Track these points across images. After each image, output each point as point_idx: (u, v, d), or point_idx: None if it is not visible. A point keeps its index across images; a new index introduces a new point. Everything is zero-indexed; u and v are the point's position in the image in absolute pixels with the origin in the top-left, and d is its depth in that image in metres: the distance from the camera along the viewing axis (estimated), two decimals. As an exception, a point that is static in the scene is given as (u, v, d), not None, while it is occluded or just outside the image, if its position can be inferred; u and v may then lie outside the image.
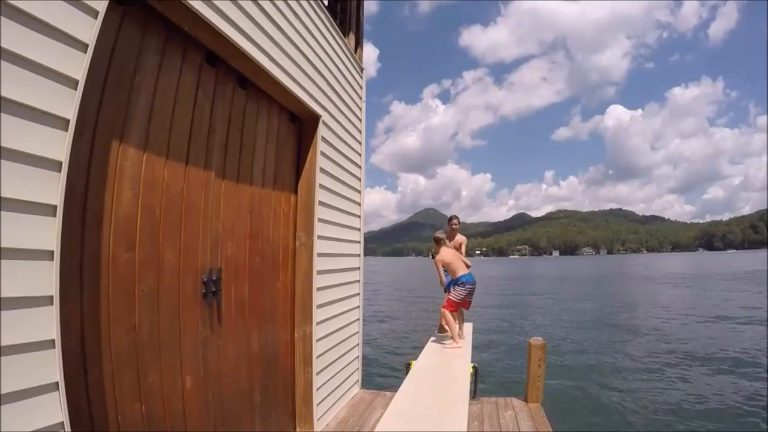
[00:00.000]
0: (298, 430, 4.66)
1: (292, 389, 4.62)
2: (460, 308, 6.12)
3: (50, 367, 1.86)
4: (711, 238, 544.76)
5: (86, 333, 2.32)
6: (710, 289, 35.64)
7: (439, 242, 6.30)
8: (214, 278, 3.35)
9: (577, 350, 15.22)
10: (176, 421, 2.99)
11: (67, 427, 1.92)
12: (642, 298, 30.91)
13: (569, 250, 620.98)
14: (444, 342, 6.20)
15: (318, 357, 4.71)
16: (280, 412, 4.39)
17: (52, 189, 1.89)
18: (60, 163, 1.91)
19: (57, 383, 1.88)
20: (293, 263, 4.65)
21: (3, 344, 1.69)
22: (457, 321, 6.10)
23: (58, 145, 1.91)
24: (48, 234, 1.87)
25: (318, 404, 4.68)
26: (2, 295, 1.70)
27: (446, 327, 6.19)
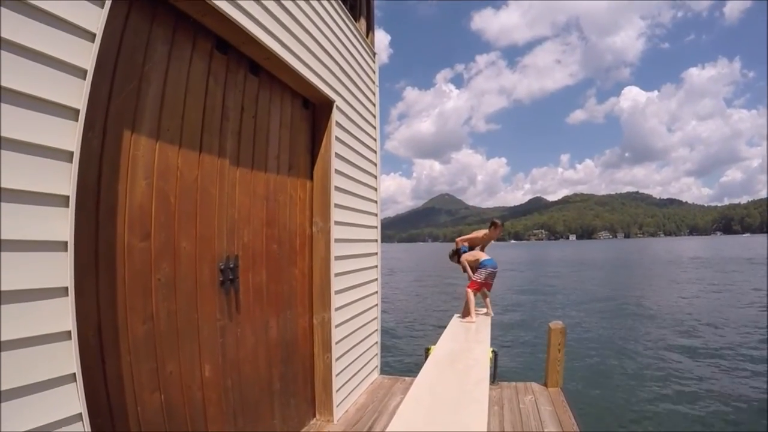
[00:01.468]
0: (317, 416, 4.66)
1: (312, 376, 4.62)
2: (482, 288, 6.27)
3: (67, 359, 1.85)
4: (729, 221, 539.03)
5: (103, 323, 2.30)
6: (730, 272, 35.32)
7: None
8: (231, 266, 3.33)
9: (595, 335, 15.13)
10: (195, 409, 2.99)
11: (86, 417, 1.91)
12: (662, 283, 30.58)
13: (586, 233, 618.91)
14: (464, 320, 6.27)
15: (337, 343, 4.70)
16: (300, 399, 4.39)
17: (64, 180, 1.87)
18: (71, 154, 1.89)
19: (74, 374, 1.87)
20: (310, 249, 4.62)
21: (19, 337, 1.68)
22: (481, 299, 6.39)
23: (69, 136, 1.89)
24: (61, 225, 1.85)
25: (337, 390, 4.67)
26: (17, 288, 1.68)
27: (468, 308, 6.28)
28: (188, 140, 2.97)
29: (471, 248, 6.44)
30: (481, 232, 6.51)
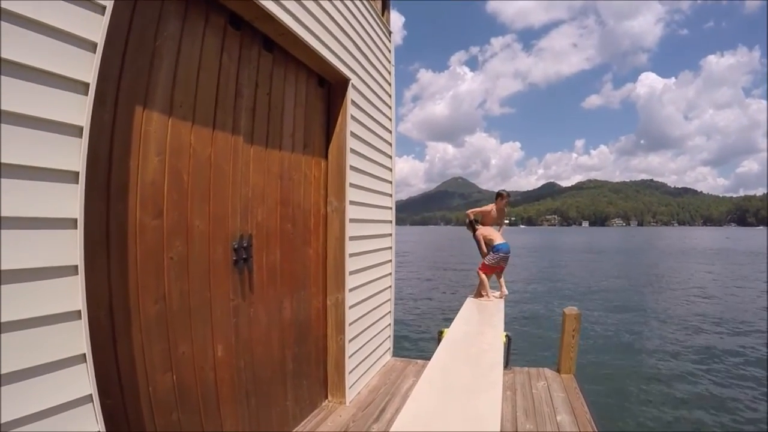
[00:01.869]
0: (329, 398, 4.64)
1: (324, 357, 4.59)
2: (494, 271, 6.41)
3: (77, 339, 1.81)
4: (744, 213, 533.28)
5: (114, 303, 2.26)
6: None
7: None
8: (244, 245, 3.27)
9: (607, 322, 15.03)
10: (208, 390, 2.96)
11: (96, 399, 1.87)
12: (676, 274, 30.35)
13: (599, 220, 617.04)
14: (479, 299, 6.41)
15: (350, 324, 4.65)
16: (312, 380, 4.36)
17: (74, 155, 1.81)
18: (81, 128, 1.83)
19: (84, 355, 1.83)
20: (325, 229, 4.56)
21: (28, 317, 1.64)
22: (495, 279, 6.52)
23: (79, 110, 1.82)
24: (71, 202, 1.79)
25: (350, 372, 4.64)
26: (26, 266, 1.64)
27: (480, 290, 6.43)
28: (201, 117, 2.90)
29: (483, 223, 6.62)
30: (490, 206, 6.65)
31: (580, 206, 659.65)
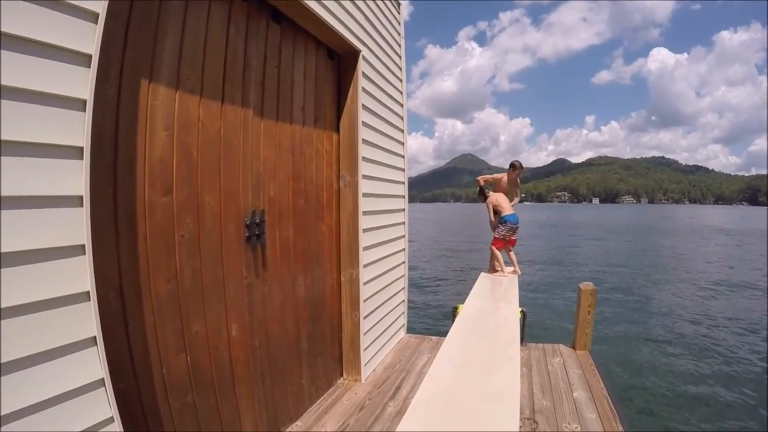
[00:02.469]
0: (344, 376, 4.59)
1: (339, 334, 4.53)
2: (506, 245, 6.42)
3: (86, 322, 1.74)
4: (755, 192, 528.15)
5: (124, 283, 2.18)
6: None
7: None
8: (257, 221, 3.18)
9: (619, 299, 14.98)
10: (222, 370, 2.90)
11: (108, 382, 1.80)
12: (689, 253, 30.17)
13: (609, 197, 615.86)
14: (495, 274, 6.43)
15: (365, 301, 4.58)
16: (327, 358, 4.31)
17: (78, 130, 1.71)
18: (84, 102, 1.73)
19: (95, 338, 1.76)
20: (337, 204, 4.46)
21: (34, 300, 1.57)
22: (506, 256, 6.52)
23: (81, 83, 1.73)
24: (75, 179, 1.70)
25: (365, 349, 4.58)
26: (30, 247, 1.56)
27: (494, 265, 6.48)
28: (209, 91, 2.78)
29: (495, 192, 6.61)
30: (501, 174, 6.64)
31: (590, 183, 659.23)
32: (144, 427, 2.31)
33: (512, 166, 6.67)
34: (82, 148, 1.71)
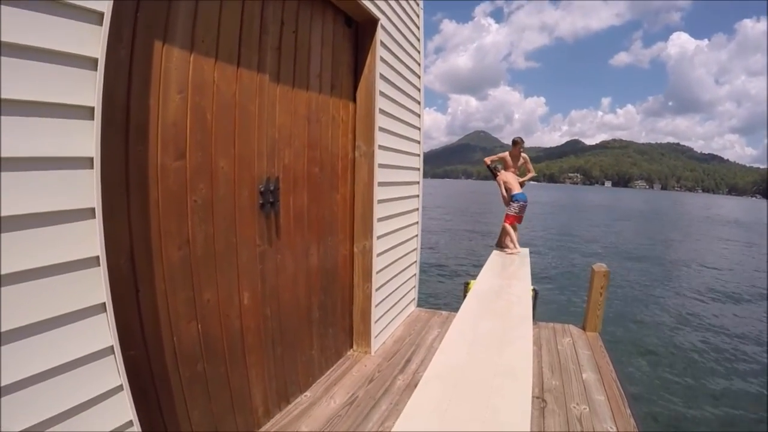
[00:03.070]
0: (354, 347, 4.57)
1: (350, 306, 4.49)
2: (517, 221, 6.89)
3: (96, 288, 1.68)
4: None
5: (135, 249, 2.12)
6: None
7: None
8: (271, 188, 3.11)
9: (629, 283, 14.91)
10: (233, 338, 2.87)
11: (117, 350, 1.76)
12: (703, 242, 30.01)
13: (622, 181, 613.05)
14: (505, 250, 6.88)
15: (378, 273, 4.52)
16: (338, 329, 4.27)
17: (88, 89, 1.63)
18: (95, 61, 1.65)
19: (104, 304, 1.71)
20: (352, 174, 4.37)
21: (42, 265, 1.51)
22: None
23: (93, 42, 1.64)
24: (86, 139, 1.63)
25: (376, 321, 4.54)
26: (37, 210, 1.49)
27: (506, 240, 6.95)
28: (225, 54, 2.68)
29: (504, 169, 7.22)
30: (504, 153, 7.19)
31: (603, 165, 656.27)
32: (154, 396, 2.28)
33: (514, 142, 7.22)
34: (92, 109, 1.64)
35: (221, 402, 2.78)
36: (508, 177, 7.00)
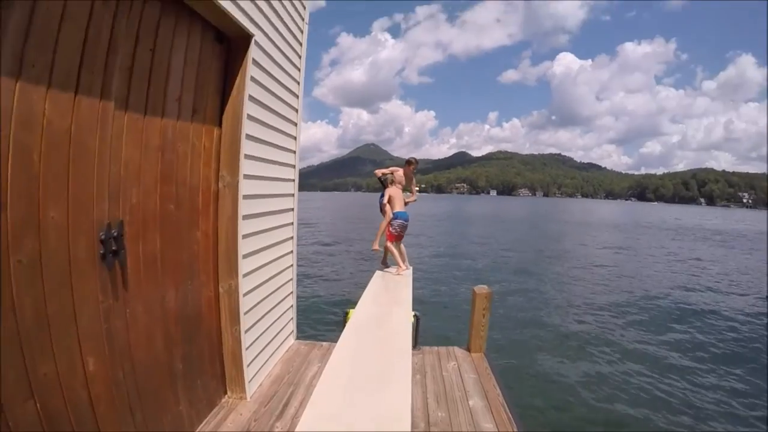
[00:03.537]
0: (228, 393, 4.22)
1: (219, 351, 4.13)
2: (399, 239, 6.67)
3: None
4: (644, 189, 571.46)
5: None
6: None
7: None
8: (114, 234, 2.72)
9: (515, 298, 15.41)
10: (82, 411, 2.49)
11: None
12: (579, 244, 31.96)
13: (507, 190, 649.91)
14: (390, 270, 6.60)
15: (246, 313, 4.22)
16: (208, 377, 3.92)
17: None
18: None
19: None
20: (216, 208, 4.01)
21: None
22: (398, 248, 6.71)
23: None
24: None
25: (248, 365, 4.24)
26: None
27: (392, 257, 6.67)
28: (60, 79, 2.29)
29: (390, 198, 6.78)
30: (397, 169, 6.87)
31: (489, 176, 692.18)
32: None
33: (408, 162, 6.97)
34: None
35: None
36: (396, 193, 6.84)
